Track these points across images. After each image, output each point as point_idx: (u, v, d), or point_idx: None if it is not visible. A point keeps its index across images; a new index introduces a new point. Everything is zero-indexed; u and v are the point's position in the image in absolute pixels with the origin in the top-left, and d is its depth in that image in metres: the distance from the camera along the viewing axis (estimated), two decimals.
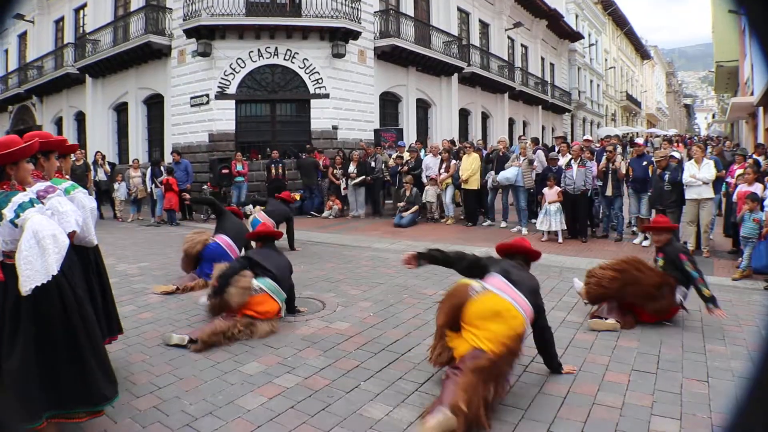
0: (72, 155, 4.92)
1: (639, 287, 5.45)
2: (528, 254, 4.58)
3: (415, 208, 13.68)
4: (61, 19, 24.69)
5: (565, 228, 10.77)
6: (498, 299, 3.87)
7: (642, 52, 65.00)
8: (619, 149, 11.15)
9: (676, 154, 10.89)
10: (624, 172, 10.34)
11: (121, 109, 21.46)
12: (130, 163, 17.37)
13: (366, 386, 4.31)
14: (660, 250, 5.99)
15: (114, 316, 4.69)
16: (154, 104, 20.05)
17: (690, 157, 10.20)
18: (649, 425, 3.52)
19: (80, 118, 23.36)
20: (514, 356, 3.80)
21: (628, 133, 39.35)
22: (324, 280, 7.85)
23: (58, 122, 25.17)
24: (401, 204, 13.82)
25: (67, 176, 4.69)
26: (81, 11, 23.37)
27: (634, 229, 10.86)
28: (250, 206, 15.88)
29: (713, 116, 74.38)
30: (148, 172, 15.67)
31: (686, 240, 9.57)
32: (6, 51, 29.38)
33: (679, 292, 5.66)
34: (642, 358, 4.69)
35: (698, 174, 9.10)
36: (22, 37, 27.70)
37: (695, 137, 39.75)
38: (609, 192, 10.57)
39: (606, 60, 49.65)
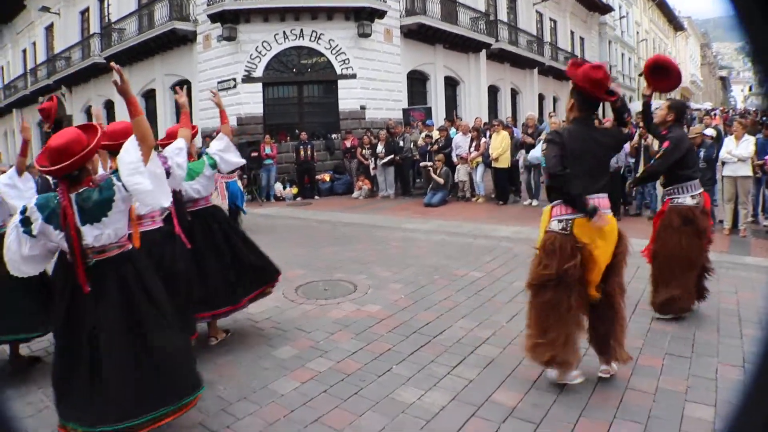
0: None
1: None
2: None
3: (442, 180, 13.62)
4: (86, 9, 24.95)
5: None
6: None
7: (675, 23, 63.30)
8: None
9: (711, 132, 10.64)
10: (656, 149, 10.12)
11: (149, 96, 21.65)
12: (159, 149, 17.52)
13: (398, 370, 4.33)
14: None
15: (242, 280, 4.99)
16: (182, 90, 20.11)
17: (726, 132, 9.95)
18: (684, 411, 3.48)
19: (109, 106, 23.61)
20: None
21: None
22: (355, 262, 7.89)
23: (88, 111, 25.47)
24: (427, 163, 13.94)
25: None
26: (105, 1, 23.58)
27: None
28: (279, 185, 16.08)
29: (750, 88, 72.28)
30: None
31: (722, 219, 9.38)
32: (34, 44, 29.89)
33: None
34: (676, 342, 4.61)
35: (734, 150, 8.88)
36: (49, 29, 28.12)
37: (730, 111, 38.64)
38: (641, 170, 10.37)
39: (637, 32, 48.48)
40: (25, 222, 3.05)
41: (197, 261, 4.65)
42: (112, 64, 3.28)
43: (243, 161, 5.28)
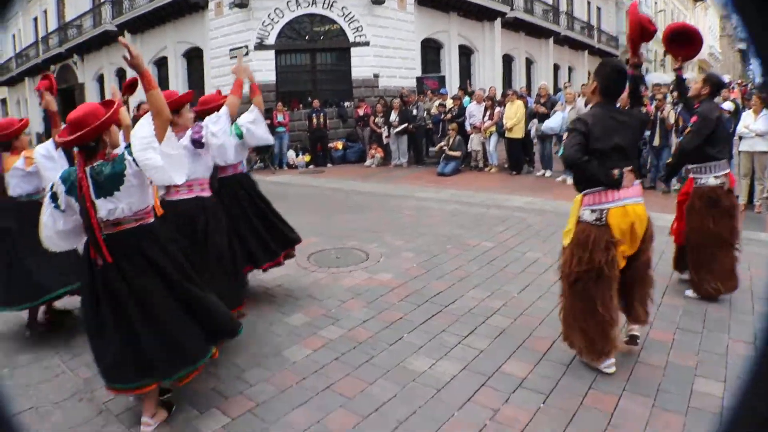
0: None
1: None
2: None
3: (458, 153, 13.57)
4: None
5: None
6: None
7: None
8: (669, 98, 10.71)
9: (729, 105, 10.46)
10: (672, 122, 10.00)
11: (161, 64, 21.51)
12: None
13: (409, 338, 4.37)
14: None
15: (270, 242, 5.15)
16: (194, 58, 20.10)
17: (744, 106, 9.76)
18: (693, 386, 3.48)
19: (121, 74, 23.47)
20: None
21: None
22: (367, 230, 7.91)
23: (100, 79, 25.46)
24: (442, 144, 13.78)
25: None
26: None
27: None
28: (292, 152, 16.09)
29: None
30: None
31: (738, 194, 9.26)
32: (45, 11, 29.74)
33: None
34: (688, 317, 4.60)
35: (752, 125, 8.73)
36: None
37: (749, 84, 37.98)
38: (656, 142, 10.26)
39: (656, 3, 47.43)
40: (54, 197, 3.12)
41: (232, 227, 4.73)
42: (120, 39, 3.21)
43: (271, 139, 5.25)
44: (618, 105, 3.81)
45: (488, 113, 13.48)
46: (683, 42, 4.70)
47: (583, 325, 3.64)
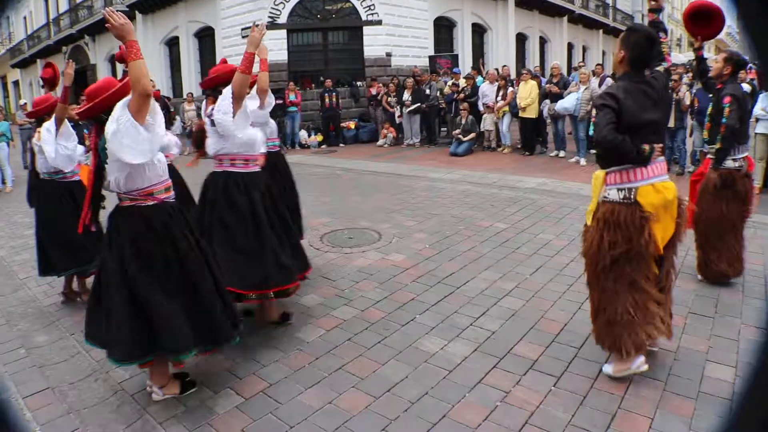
0: None
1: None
2: None
3: (472, 135, 13.50)
4: None
5: None
6: None
7: None
8: (685, 79, 10.55)
9: (746, 87, 10.29)
10: (688, 103, 9.87)
11: (172, 44, 21.54)
12: (184, 96, 17.55)
13: (421, 319, 4.40)
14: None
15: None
16: (205, 37, 20.03)
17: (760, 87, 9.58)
18: (704, 371, 3.48)
19: None
20: None
21: (693, 60, 37.30)
22: (379, 211, 7.93)
23: (111, 60, 25.39)
24: (456, 132, 13.67)
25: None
26: None
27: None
28: (304, 132, 16.08)
29: None
30: (203, 105, 15.90)
31: (753, 177, 9.11)
32: None
33: None
34: (700, 301, 4.57)
35: None
36: None
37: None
38: (671, 123, 10.13)
39: None
40: None
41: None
42: (105, 10, 2.95)
43: (264, 112, 5.08)
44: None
45: (501, 93, 13.39)
46: (703, 21, 4.61)
47: (618, 311, 3.34)
